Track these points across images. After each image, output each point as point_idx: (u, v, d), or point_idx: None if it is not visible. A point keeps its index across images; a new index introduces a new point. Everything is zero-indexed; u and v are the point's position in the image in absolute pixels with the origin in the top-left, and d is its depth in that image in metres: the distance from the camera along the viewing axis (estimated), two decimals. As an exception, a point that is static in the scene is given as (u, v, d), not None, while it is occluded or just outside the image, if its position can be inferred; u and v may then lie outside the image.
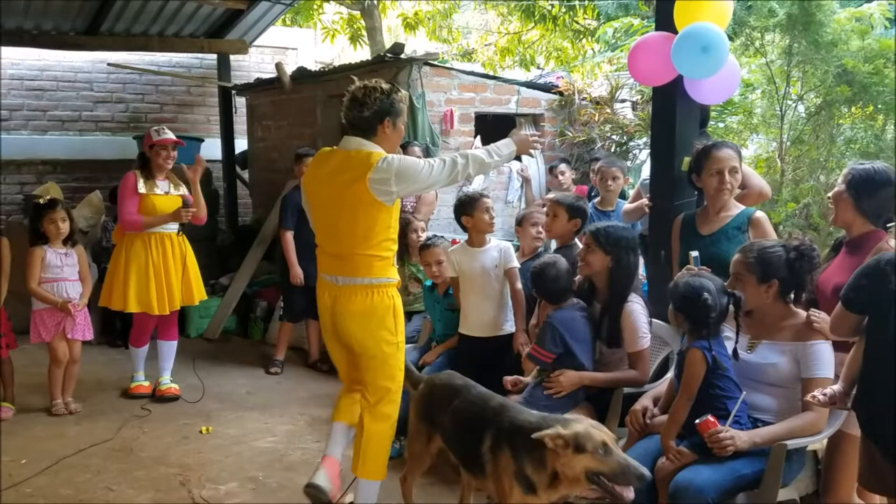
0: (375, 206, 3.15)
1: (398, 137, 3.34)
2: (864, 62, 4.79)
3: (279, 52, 9.63)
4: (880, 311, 2.41)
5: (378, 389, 3.30)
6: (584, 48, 11.14)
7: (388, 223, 3.23)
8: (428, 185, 3.28)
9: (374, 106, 3.18)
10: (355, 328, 3.27)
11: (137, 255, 5.07)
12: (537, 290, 3.66)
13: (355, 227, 3.19)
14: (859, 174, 2.95)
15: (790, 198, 4.84)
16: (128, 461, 4.22)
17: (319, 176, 3.31)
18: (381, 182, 3.10)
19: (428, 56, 6.19)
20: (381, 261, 3.23)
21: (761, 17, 5.03)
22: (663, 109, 3.82)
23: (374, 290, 3.23)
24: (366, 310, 3.24)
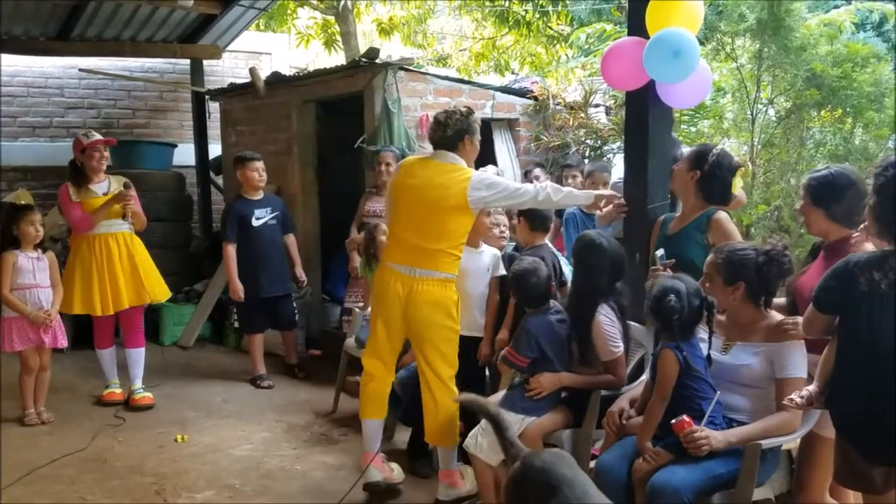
0: (464, 211, 3.64)
1: (475, 151, 3.86)
2: (833, 66, 4.87)
3: (253, 57, 9.58)
4: (850, 311, 2.45)
5: (444, 368, 3.71)
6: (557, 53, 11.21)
7: (468, 227, 3.74)
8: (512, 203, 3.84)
9: (455, 126, 3.72)
10: (430, 316, 3.67)
11: (83, 257, 5.13)
12: (516, 295, 3.68)
13: (444, 226, 3.65)
14: (819, 183, 2.98)
15: (761, 200, 4.90)
16: (102, 471, 4.18)
17: (410, 180, 3.75)
18: (476, 190, 3.61)
19: (403, 61, 6.19)
20: (454, 259, 3.72)
21: (732, 22, 5.09)
22: (636, 114, 3.85)
23: (446, 284, 3.69)
24: (437, 301, 3.67)
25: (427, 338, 3.69)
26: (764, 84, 5.14)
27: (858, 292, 2.40)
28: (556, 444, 3.42)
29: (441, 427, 3.74)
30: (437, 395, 3.72)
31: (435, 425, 3.75)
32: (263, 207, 5.75)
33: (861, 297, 2.40)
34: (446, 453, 3.78)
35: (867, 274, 2.39)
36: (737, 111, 5.34)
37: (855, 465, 2.48)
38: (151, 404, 5.22)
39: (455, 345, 3.74)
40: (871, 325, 2.39)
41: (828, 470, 2.87)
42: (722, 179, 3.48)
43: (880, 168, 2.47)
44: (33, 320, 4.77)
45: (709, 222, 3.43)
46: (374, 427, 3.88)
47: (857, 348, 2.45)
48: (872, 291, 2.38)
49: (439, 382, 3.71)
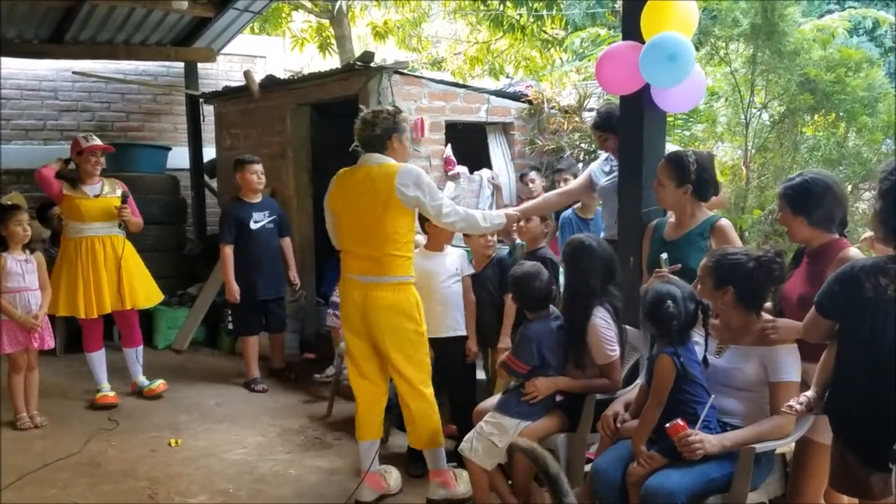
0: (400, 210, 3.60)
1: (406, 151, 3.82)
2: (826, 71, 4.88)
3: (247, 61, 9.57)
4: (853, 317, 2.45)
5: (413, 373, 3.70)
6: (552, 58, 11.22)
7: (411, 226, 3.70)
8: (434, 207, 3.65)
9: (382, 125, 3.68)
10: (387, 323, 3.65)
11: (69, 258, 5.20)
12: (517, 298, 3.65)
13: (384, 230, 3.62)
14: (796, 191, 2.98)
15: (756, 204, 4.90)
16: (95, 475, 4.16)
17: (346, 191, 3.74)
18: (404, 186, 3.56)
19: (398, 64, 6.19)
20: (406, 260, 3.68)
21: (726, 26, 5.10)
22: (631, 118, 3.86)
23: (400, 288, 3.66)
24: (396, 305, 3.65)
25: (390, 343, 3.67)
26: (758, 88, 5.15)
27: (864, 298, 2.40)
28: (552, 448, 3.42)
29: (422, 432, 3.76)
30: (412, 402, 3.72)
31: (416, 431, 3.77)
32: (262, 211, 5.77)
33: (866, 302, 2.39)
34: (433, 454, 3.80)
35: (873, 279, 2.38)
36: (730, 115, 5.35)
37: (852, 471, 2.49)
38: (165, 389, 5.42)
39: (421, 347, 3.72)
40: (875, 331, 2.39)
41: (822, 475, 2.88)
42: (710, 178, 3.50)
43: (885, 173, 2.47)
44: (23, 324, 4.74)
45: (712, 229, 3.44)
46: (365, 447, 3.88)
47: (860, 354, 2.45)
48: (878, 297, 2.38)
49: (411, 389, 3.71)
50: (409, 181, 3.57)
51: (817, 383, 2.66)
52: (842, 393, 2.52)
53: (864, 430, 2.44)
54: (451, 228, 3.87)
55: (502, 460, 3.44)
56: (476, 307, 4.27)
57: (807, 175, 3.04)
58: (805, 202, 2.97)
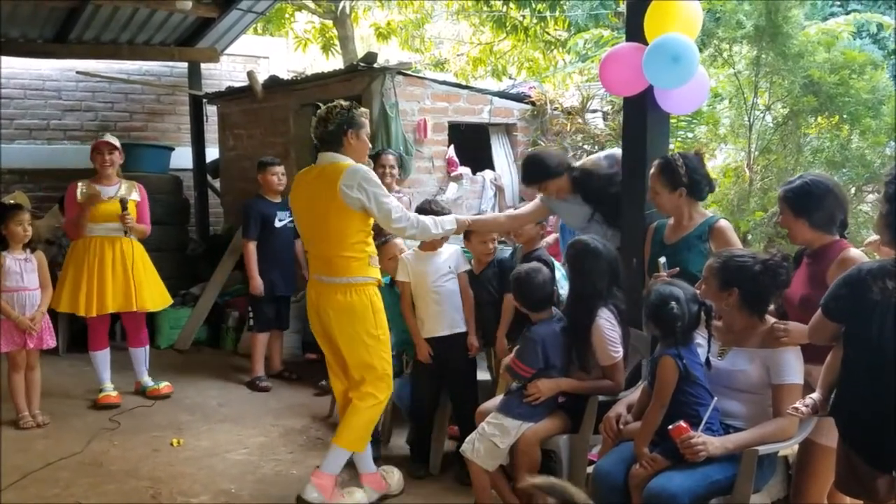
0: (346, 211, 3.52)
1: (364, 147, 3.72)
2: (830, 73, 4.88)
3: (251, 61, 9.58)
4: (860, 319, 2.45)
5: (361, 371, 3.64)
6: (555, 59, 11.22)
7: (360, 227, 3.59)
8: (381, 211, 3.55)
9: (336, 120, 3.59)
10: (337, 323, 3.61)
11: (77, 256, 5.24)
12: (518, 299, 3.62)
13: (331, 231, 3.58)
14: (797, 194, 2.99)
15: (758, 206, 4.90)
16: (97, 475, 4.16)
17: (301, 190, 3.72)
18: (348, 187, 3.47)
19: (401, 65, 6.20)
20: (358, 261, 3.59)
21: (729, 28, 5.11)
22: (634, 119, 3.86)
23: (352, 289, 3.58)
24: (346, 306, 3.58)
25: (342, 344, 3.63)
26: (761, 90, 5.15)
27: (870, 301, 2.39)
28: (554, 450, 3.43)
29: (349, 429, 3.67)
30: (356, 398, 3.66)
31: (344, 425, 3.68)
32: (285, 210, 5.79)
33: (873, 305, 2.39)
34: (337, 454, 3.69)
35: (880, 282, 2.38)
36: (734, 117, 5.35)
37: (858, 473, 2.48)
38: (171, 392, 5.43)
39: (375, 350, 3.63)
40: (881, 334, 2.38)
41: (826, 477, 2.88)
42: (703, 178, 3.51)
43: (891, 176, 2.48)
44: (18, 325, 4.75)
45: (711, 231, 3.44)
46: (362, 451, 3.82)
47: (867, 356, 2.44)
48: (885, 300, 2.38)
49: (357, 389, 3.65)
50: (354, 183, 3.48)
51: (823, 385, 2.65)
52: (848, 395, 2.51)
53: (871, 432, 2.43)
54: (402, 235, 3.79)
55: (504, 461, 3.44)
56: (477, 308, 4.26)
57: (807, 177, 3.05)
58: (806, 204, 2.97)
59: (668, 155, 3.66)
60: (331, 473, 3.66)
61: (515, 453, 3.39)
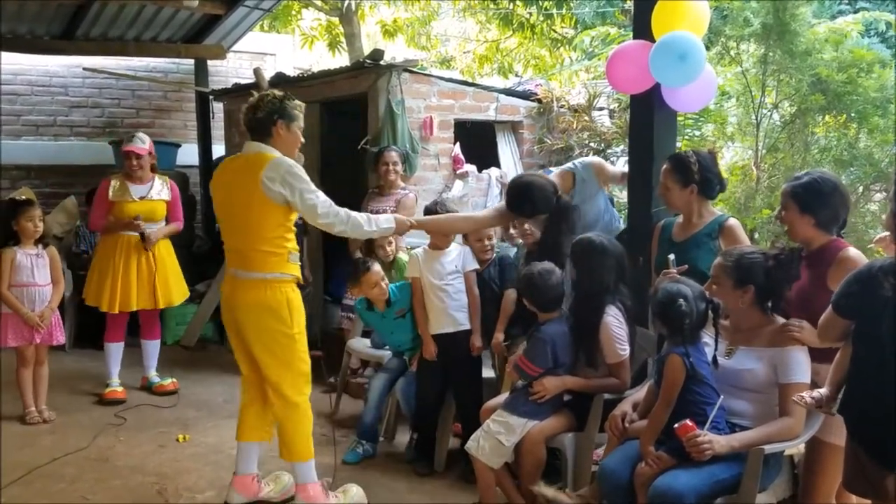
0: (266, 205, 3.37)
1: (294, 140, 3.57)
2: (838, 71, 4.86)
3: (257, 58, 9.58)
4: (870, 316, 2.43)
5: (280, 377, 3.52)
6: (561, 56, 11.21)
7: (280, 221, 3.44)
8: (306, 206, 3.42)
9: (266, 108, 3.46)
10: (250, 320, 3.49)
11: (105, 253, 5.29)
12: (529, 298, 3.56)
13: (249, 223, 3.45)
14: (806, 189, 2.97)
15: (765, 204, 4.89)
16: (103, 470, 4.17)
17: (222, 178, 3.60)
18: (269, 180, 3.34)
19: (407, 63, 6.18)
20: (275, 257, 3.45)
21: (737, 26, 5.09)
22: (641, 117, 3.86)
23: (267, 285, 3.45)
24: (259, 303, 3.45)
25: (256, 343, 3.51)
26: (769, 89, 5.13)
27: (882, 297, 2.38)
28: (559, 448, 3.43)
29: (290, 442, 3.57)
30: (279, 410, 3.55)
31: (283, 441, 3.57)
32: None
33: (884, 302, 2.37)
34: (300, 468, 3.61)
35: (892, 279, 2.36)
36: (741, 115, 5.33)
37: (867, 473, 2.47)
38: (176, 389, 5.45)
39: (291, 350, 3.50)
40: (893, 331, 2.37)
41: (834, 476, 2.87)
42: (715, 176, 3.50)
43: None
44: (26, 321, 4.76)
45: (721, 229, 3.43)
46: (244, 448, 3.74)
47: (877, 354, 2.42)
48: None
49: (277, 395, 3.54)
50: (277, 175, 3.34)
51: (831, 383, 2.64)
52: (858, 393, 2.50)
53: (880, 430, 2.41)
54: (330, 230, 3.57)
55: (509, 459, 3.44)
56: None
57: (815, 174, 3.04)
58: (813, 201, 2.96)
59: (681, 151, 3.65)
60: (312, 483, 3.61)
61: (520, 451, 3.39)
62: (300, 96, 6.88)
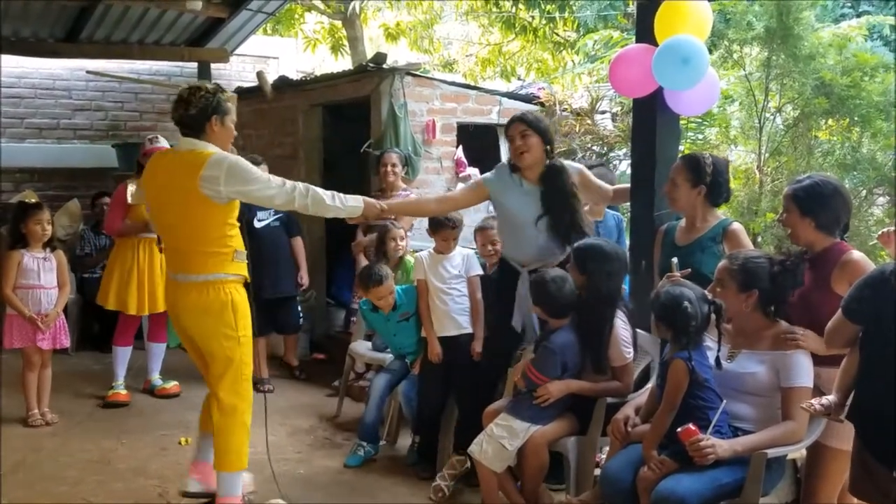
0: (206, 204, 3.26)
1: (228, 135, 3.44)
2: (842, 75, 4.86)
3: (260, 61, 9.59)
4: (884, 321, 2.41)
5: (222, 365, 3.40)
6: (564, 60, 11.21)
7: (223, 220, 3.33)
8: (259, 197, 3.35)
9: (200, 104, 3.31)
10: (193, 324, 3.40)
11: (125, 256, 5.27)
12: (540, 304, 3.50)
13: (189, 224, 3.33)
14: (807, 193, 2.96)
15: (769, 208, 4.88)
16: (105, 473, 4.17)
17: (155, 176, 3.46)
18: (210, 180, 3.21)
19: (410, 66, 6.20)
20: (217, 257, 3.33)
21: (740, 30, 5.09)
22: (644, 121, 3.85)
23: (209, 287, 3.33)
24: (202, 305, 3.34)
25: (201, 343, 3.43)
26: (772, 93, 5.13)
27: (892, 302, 2.37)
28: (561, 452, 3.42)
29: (222, 449, 3.43)
30: (215, 413, 3.44)
31: (216, 446, 3.44)
32: (266, 209, 5.70)
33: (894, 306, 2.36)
34: (227, 478, 3.45)
35: None
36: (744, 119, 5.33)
37: (875, 477, 2.45)
38: (178, 392, 5.45)
39: (235, 353, 3.39)
40: None
41: (836, 480, 2.87)
42: (724, 182, 3.49)
43: None
44: (29, 322, 4.77)
45: (725, 233, 3.42)
46: (205, 436, 3.67)
47: (888, 358, 2.41)
48: None
49: (216, 399, 3.44)
50: (220, 173, 3.21)
51: (839, 389, 2.63)
52: (867, 398, 2.48)
53: (890, 435, 2.40)
54: (291, 208, 3.47)
55: (512, 463, 3.43)
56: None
57: (815, 177, 3.04)
58: (814, 204, 2.95)
59: (696, 152, 3.64)
60: (233, 497, 3.47)
61: (523, 455, 3.38)
62: (303, 99, 6.96)
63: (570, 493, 3.41)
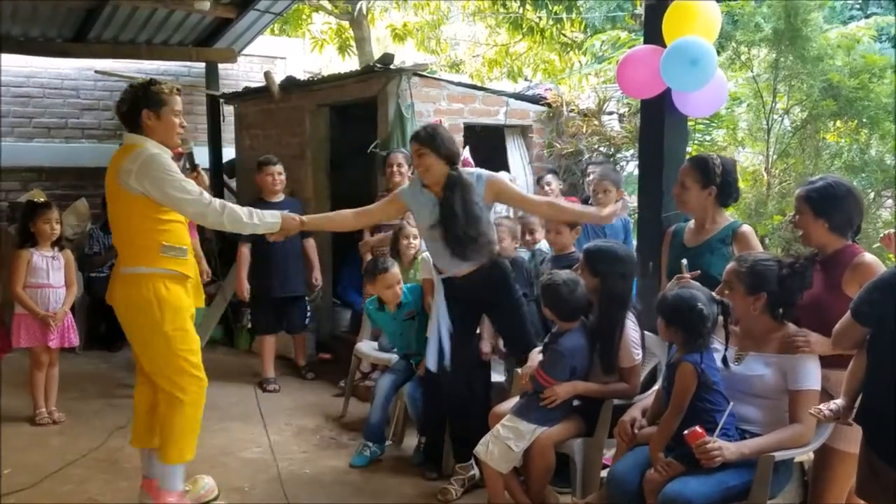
0: (126, 196, 3.27)
1: (168, 127, 3.39)
2: (850, 77, 4.84)
3: (268, 62, 9.62)
4: (889, 324, 2.41)
5: (157, 375, 3.43)
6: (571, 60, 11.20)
7: (146, 214, 3.29)
8: (170, 202, 3.27)
9: (130, 100, 3.35)
10: (121, 317, 3.43)
11: None
12: (550, 307, 3.49)
13: (117, 216, 3.41)
14: (820, 194, 2.95)
15: (776, 210, 4.87)
16: (112, 472, 4.18)
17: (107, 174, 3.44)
18: (125, 172, 3.23)
19: (417, 67, 6.19)
20: (142, 250, 3.33)
21: (748, 31, 5.07)
22: (651, 122, 3.85)
23: (134, 280, 3.33)
24: (125, 299, 3.37)
25: (133, 340, 3.45)
26: (780, 94, 5.11)
27: None
28: (567, 453, 3.42)
29: (166, 441, 3.45)
30: (160, 405, 3.46)
31: (170, 443, 3.45)
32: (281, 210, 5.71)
33: None
34: (167, 470, 3.47)
35: None
36: (752, 121, 5.31)
37: (882, 480, 2.44)
38: None
39: (166, 349, 3.37)
40: None
41: (844, 482, 2.86)
42: (733, 182, 3.48)
43: None
44: (40, 321, 4.79)
45: (735, 235, 3.41)
46: (144, 453, 3.69)
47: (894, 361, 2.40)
48: None
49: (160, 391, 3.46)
50: (134, 167, 3.21)
51: (847, 393, 2.62)
52: (875, 401, 2.47)
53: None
54: (203, 223, 3.46)
55: (518, 464, 3.43)
56: None
57: (829, 179, 3.02)
58: (827, 205, 2.94)
59: (704, 153, 3.64)
60: (173, 491, 3.49)
61: (529, 456, 3.38)
62: (310, 100, 6.97)
63: (577, 494, 3.41)
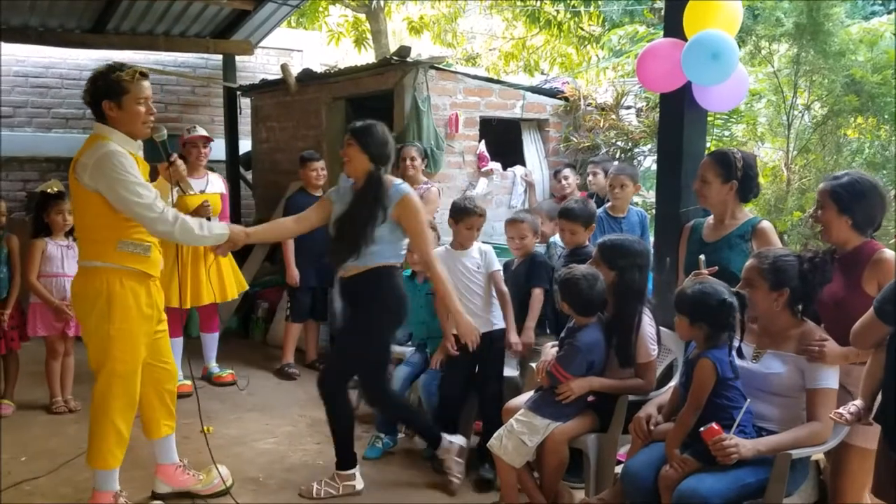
0: (80, 190, 3.21)
1: (132, 117, 3.26)
2: (872, 73, 4.78)
3: (284, 54, 9.63)
4: None
5: (96, 360, 3.36)
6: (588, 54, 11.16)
7: (99, 209, 3.20)
8: (124, 207, 3.17)
9: (90, 91, 3.25)
10: (74, 307, 3.45)
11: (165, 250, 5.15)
12: (568, 301, 3.45)
13: (74, 208, 3.42)
14: (846, 189, 2.90)
15: (796, 206, 4.83)
16: (127, 460, 4.15)
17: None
18: (81, 167, 3.17)
19: (433, 60, 6.17)
20: (97, 244, 3.26)
21: (769, 25, 5.03)
22: (671, 116, 3.82)
23: (88, 273, 3.29)
24: (78, 291, 3.35)
25: (83, 334, 3.41)
26: (801, 89, 5.06)
27: None
28: (581, 448, 3.40)
29: (91, 444, 3.41)
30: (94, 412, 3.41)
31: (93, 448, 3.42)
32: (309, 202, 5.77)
33: None
34: (95, 474, 3.47)
35: None
36: (772, 116, 5.27)
37: None
38: (234, 381, 5.56)
39: (106, 348, 3.30)
40: None
41: (863, 479, 2.83)
42: (754, 176, 3.45)
43: None
44: (55, 310, 4.83)
45: (754, 231, 3.38)
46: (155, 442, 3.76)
47: None
48: None
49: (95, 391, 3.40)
50: (88, 163, 3.13)
51: (865, 393, 2.59)
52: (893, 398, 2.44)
53: None
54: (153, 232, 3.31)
55: (531, 458, 3.42)
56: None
57: (854, 174, 2.97)
58: (852, 201, 2.90)
59: (725, 147, 3.61)
60: (107, 492, 3.47)
61: (543, 451, 3.37)
62: (327, 93, 6.97)
63: (590, 490, 3.40)
